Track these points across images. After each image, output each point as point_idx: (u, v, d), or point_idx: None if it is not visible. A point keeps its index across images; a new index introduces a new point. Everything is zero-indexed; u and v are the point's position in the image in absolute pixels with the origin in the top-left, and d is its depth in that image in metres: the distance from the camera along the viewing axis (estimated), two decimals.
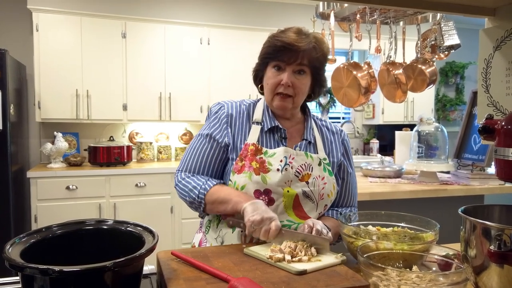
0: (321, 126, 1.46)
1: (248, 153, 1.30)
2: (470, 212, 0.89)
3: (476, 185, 2.61)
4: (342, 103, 2.87)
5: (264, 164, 1.28)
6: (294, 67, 1.29)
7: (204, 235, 1.40)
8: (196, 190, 1.29)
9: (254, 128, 1.35)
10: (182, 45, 4.18)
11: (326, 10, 2.73)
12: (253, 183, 1.26)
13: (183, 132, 4.61)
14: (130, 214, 3.69)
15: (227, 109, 1.38)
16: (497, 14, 1.16)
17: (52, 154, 3.74)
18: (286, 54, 1.28)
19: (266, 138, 1.34)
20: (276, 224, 1.14)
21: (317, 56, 1.31)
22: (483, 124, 0.87)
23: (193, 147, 1.37)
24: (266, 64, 1.34)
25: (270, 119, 1.36)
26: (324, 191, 1.32)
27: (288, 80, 1.29)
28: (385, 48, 2.94)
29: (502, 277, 0.77)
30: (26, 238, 0.86)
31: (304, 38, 1.28)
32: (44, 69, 3.76)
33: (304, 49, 1.27)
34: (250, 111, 1.39)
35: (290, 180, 1.28)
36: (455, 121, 5.73)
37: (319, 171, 1.34)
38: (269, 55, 1.32)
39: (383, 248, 1.01)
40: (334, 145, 1.44)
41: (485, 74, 1.17)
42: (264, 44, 1.36)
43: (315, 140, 1.40)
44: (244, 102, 1.43)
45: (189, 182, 1.32)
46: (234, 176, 1.29)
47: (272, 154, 1.30)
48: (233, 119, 1.36)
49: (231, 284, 0.87)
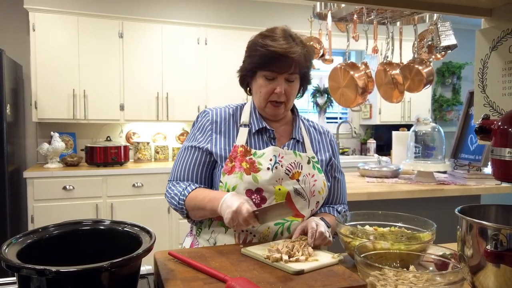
0: (309, 127, 1.48)
1: (237, 155, 1.30)
2: (466, 212, 0.89)
3: (472, 185, 2.61)
4: (339, 103, 2.87)
5: (254, 164, 1.28)
6: (286, 76, 1.30)
7: (195, 238, 1.40)
8: (177, 197, 1.32)
9: (242, 131, 1.36)
10: (179, 45, 4.18)
11: (323, 10, 2.73)
12: (245, 183, 1.26)
13: (181, 132, 4.60)
14: (127, 214, 3.68)
15: (211, 116, 1.38)
16: (493, 14, 1.16)
17: (49, 154, 3.73)
18: (277, 65, 1.27)
19: (254, 140, 1.35)
20: (247, 209, 1.13)
21: (306, 64, 1.33)
22: (479, 124, 0.87)
23: (180, 158, 1.40)
24: (255, 71, 1.33)
25: (258, 120, 1.37)
26: (315, 188, 1.33)
27: (282, 89, 1.29)
28: (382, 49, 2.94)
29: (498, 277, 0.77)
30: (22, 239, 0.86)
31: (294, 46, 1.27)
32: (41, 69, 3.74)
33: (296, 59, 1.27)
34: (237, 115, 1.40)
35: (281, 178, 1.29)
36: (452, 121, 5.75)
37: (308, 169, 1.35)
38: (259, 65, 1.30)
39: (380, 248, 1.01)
40: (321, 144, 1.46)
41: (481, 74, 1.18)
42: (250, 49, 1.33)
43: (303, 139, 1.41)
44: (229, 106, 1.44)
45: (172, 189, 1.35)
46: (225, 177, 1.29)
47: (261, 154, 1.31)
48: (217, 125, 1.37)
49: (229, 284, 0.87)
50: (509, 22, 1.09)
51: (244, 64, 1.38)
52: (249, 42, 1.35)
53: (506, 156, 0.81)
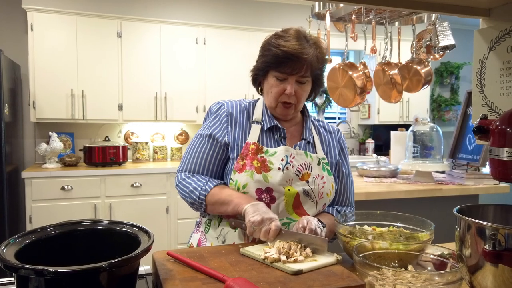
0: (319, 127, 1.47)
1: (249, 152, 1.30)
2: (465, 212, 0.90)
3: (471, 184, 2.62)
4: (337, 103, 2.88)
5: (265, 163, 1.28)
6: (298, 78, 1.29)
7: (203, 234, 1.39)
8: (197, 191, 1.30)
9: (255, 127, 1.35)
10: (177, 45, 4.17)
11: (322, 10, 2.73)
12: (255, 181, 1.26)
13: (179, 132, 4.60)
14: (126, 214, 3.68)
15: (227, 108, 1.38)
16: (491, 14, 1.16)
17: (47, 154, 3.72)
18: (289, 66, 1.27)
19: (266, 137, 1.35)
20: (276, 225, 1.14)
21: (319, 66, 1.32)
22: (477, 124, 0.87)
23: (193, 147, 1.37)
24: (267, 71, 1.33)
25: (270, 118, 1.37)
26: (323, 190, 1.33)
27: (292, 90, 1.29)
28: (380, 49, 2.95)
29: (496, 277, 0.77)
30: (21, 239, 0.86)
31: (306, 47, 1.26)
32: (39, 68, 3.74)
33: (308, 60, 1.26)
34: (250, 110, 1.40)
35: (291, 179, 1.29)
36: (450, 121, 5.76)
37: (318, 170, 1.34)
38: (271, 64, 1.30)
39: (378, 247, 1.01)
40: (332, 145, 1.45)
41: (479, 74, 1.18)
42: (264, 49, 1.34)
43: (313, 140, 1.41)
44: (243, 101, 1.43)
45: (189, 183, 1.33)
46: (236, 175, 1.29)
47: (273, 153, 1.30)
48: (233, 118, 1.36)
49: (227, 284, 0.87)
50: (507, 22, 1.09)
51: (257, 64, 1.38)
52: (264, 41, 1.36)
53: (504, 156, 0.81)
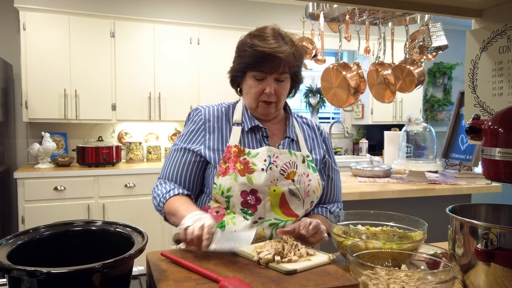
0: (302, 124, 1.47)
1: (231, 155, 1.29)
2: (457, 211, 0.90)
3: (463, 184, 2.64)
4: (331, 103, 2.88)
5: (248, 165, 1.28)
6: (276, 76, 1.29)
7: None
8: (159, 198, 1.33)
9: (235, 129, 1.35)
10: (171, 45, 4.16)
11: (315, 10, 2.74)
12: (239, 184, 1.25)
13: (173, 132, 4.59)
14: (119, 215, 3.66)
15: (204, 114, 1.37)
16: (484, 15, 1.17)
17: (40, 155, 3.69)
18: (267, 65, 1.26)
19: (248, 139, 1.34)
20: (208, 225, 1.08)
21: (296, 63, 1.32)
22: (470, 124, 0.88)
23: (169, 158, 1.39)
24: (245, 72, 1.32)
25: (250, 119, 1.36)
26: (309, 188, 1.33)
27: (271, 90, 1.28)
28: (374, 49, 2.96)
29: (489, 275, 0.78)
30: (13, 240, 0.85)
31: (282, 45, 1.25)
32: (32, 68, 3.71)
33: (284, 58, 1.25)
34: (230, 113, 1.39)
35: (276, 179, 1.28)
36: (443, 121, 5.80)
37: (303, 168, 1.34)
38: (248, 65, 1.29)
39: (372, 247, 1.02)
40: (315, 142, 1.45)
41: (472, 75, 1.19)
42: (239, 49, 1.32)
43: (297, 137, 1.40)
44: (222, 104, 1.43)
45: (158, 188, 1.35)
46: (219, 179, 1.28)
47: (255, 154, 1.30)
48: (210, 123, 1.36)
49: (221, 284, 0.87)
50: (499, 23, 1.10)
51: (233, 65, 1.37)
52: (238, 42, 1.34)
53: (496, 155, 0.82)
